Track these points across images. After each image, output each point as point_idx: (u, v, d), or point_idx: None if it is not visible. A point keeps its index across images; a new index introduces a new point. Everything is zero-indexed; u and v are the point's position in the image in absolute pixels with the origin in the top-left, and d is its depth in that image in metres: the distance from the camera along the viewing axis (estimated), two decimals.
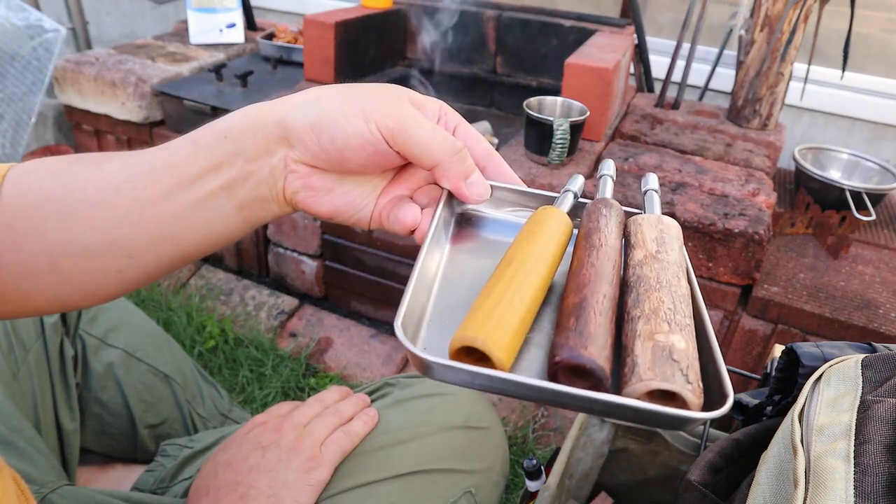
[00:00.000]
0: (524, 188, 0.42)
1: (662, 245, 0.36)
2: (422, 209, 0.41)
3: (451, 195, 0.40)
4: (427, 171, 0.39)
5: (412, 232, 0.40)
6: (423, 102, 0.40)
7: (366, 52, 1.58)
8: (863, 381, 0.44)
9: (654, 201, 0.42)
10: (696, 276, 1.12)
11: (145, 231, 0.38)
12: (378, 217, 0.41)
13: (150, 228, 0.38)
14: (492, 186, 0.40)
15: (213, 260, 1.66)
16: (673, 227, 0.38)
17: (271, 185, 0.38)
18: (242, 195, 0.38)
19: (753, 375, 0.82)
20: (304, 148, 0.37)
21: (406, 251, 1.35)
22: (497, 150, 1.57)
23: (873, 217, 1.30)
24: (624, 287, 0.34)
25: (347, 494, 0.59)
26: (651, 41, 1.65)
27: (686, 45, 1.48)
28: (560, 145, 1.14)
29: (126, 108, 1.50)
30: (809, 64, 1.41)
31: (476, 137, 0.41)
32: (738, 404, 0.66)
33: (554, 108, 1.25)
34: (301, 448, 0.58)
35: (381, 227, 0.42)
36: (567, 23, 1.57)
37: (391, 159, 0.38)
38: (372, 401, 0.71)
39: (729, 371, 0.83)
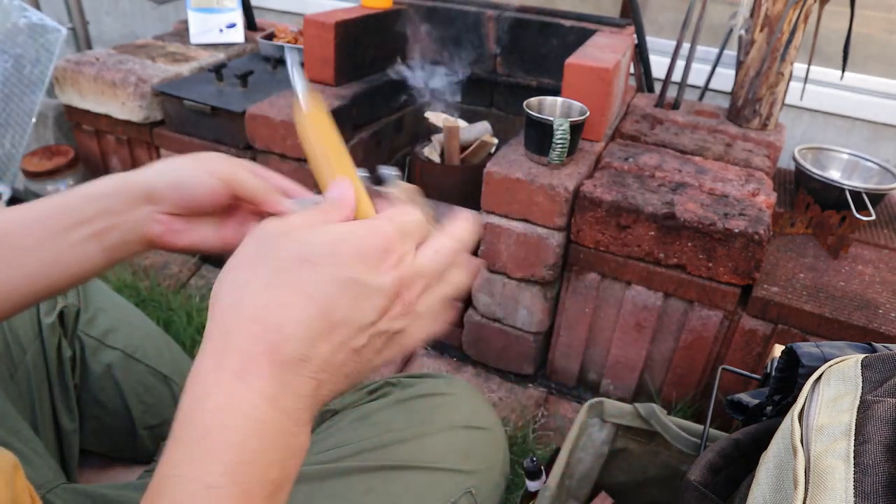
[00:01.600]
0: (318, 197, 0.52)
1: None
2: None
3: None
4: (252, 205, 0.52)
5: None
6: (238, 161, 0.52)
7: (366, 52, 1.58)
8: (862, 381, 0.44)
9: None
10: (696, 275, 1.13)
11: (21, 273, 0.47)
12: (223, 243, 0.53)
13: (26, 271, 0.47)
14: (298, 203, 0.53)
15: (214, 260, 1.66)
16: None
17: (136, 232, 0.50)
18: (109, 241, 0.49)
19: (753, 375, 0.82)
20: (168, 202, 0.50)
21: None
22: (497, 149, 1.57)
23: (873, 217, 1.30)
24: None
25: (346, 486, 0.59)
26: (651, 41, 1.65)
27: (686, 45, 1.48)
28: (560, 145, 1.14)
29: (126, 108, 1.50)
30: (809, 64, 1.41)
31: (276, 175, 0.55)
32: (738, 404, 0.66)
33: (554, 109, 1.25)
34: (404, 343, 0.38)
35: (227, 249, 0.50)
36: (567, 23, 1.57)
37: (227, 201, 0.51)
38: (372, 400, 0.71)
39: (729, 371, 0.83)
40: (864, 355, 0.47)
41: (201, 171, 0.50)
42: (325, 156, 0.43)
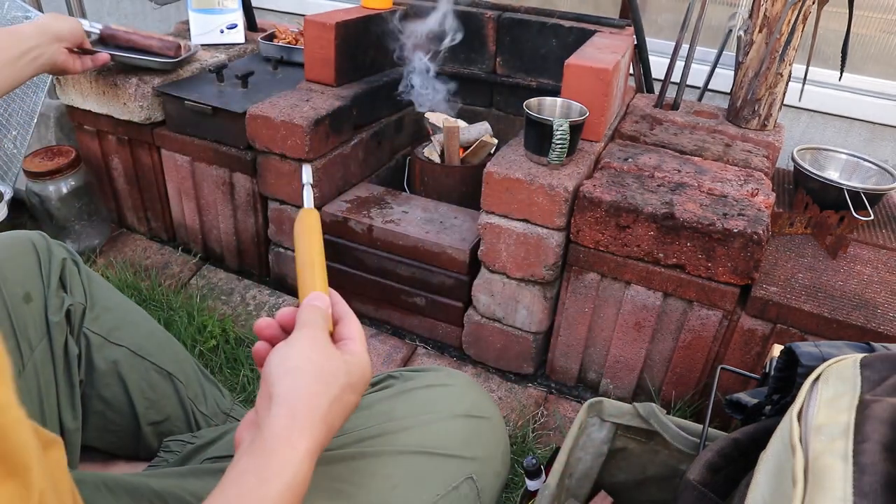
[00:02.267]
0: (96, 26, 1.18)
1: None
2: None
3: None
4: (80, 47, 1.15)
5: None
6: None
7: (366, 52, 1.58)
8: (861, 381, 0.45)
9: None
10: (695, 275, 1.13)
11: None
12: (84, 67, 1.16)
13: None
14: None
15: (214, 260, 1.67)
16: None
17: (53, 59, 1.04)
18: (38, 64, 1.01)
19: (752, 375, 0.83)
20: (67, 41, 1.08)
21: (406, 251, 1.36)
22: (497, 149, 1.58)
23: (871, 217, 1.30)
24: None
25: (349, 470, 0.60)
26: (650, 42, 1.65)
27: (685, 46, 1.48)
28: (560, 146, 1.14)
29: (127, 109, 1.50)
30: (808, 65, 1.42)
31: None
32: (737, 404, 0.66)
33: (553, 109, 1.25)
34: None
35: (85, 69, 1.15)
36: (567, 23, 1.58)
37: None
38: (374, 392, 0.72)
39: (728, 371, 0.83)
40: (862, 355, 0.48)
41: (76, 22, 1.08)
42: (311, 259, 0.59)
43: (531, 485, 0.89)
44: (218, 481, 0.43)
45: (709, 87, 1.62)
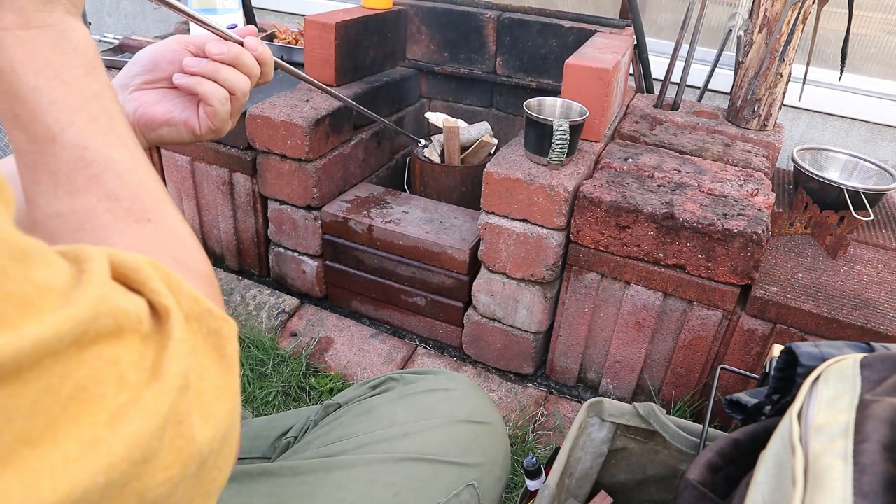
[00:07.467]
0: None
1: None
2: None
3: None
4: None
5: None
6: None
7: (366, 52, 1.58)
8: (861, 381, 0.45)
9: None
10: (695, 275, 1.12)
11: None
12: (202, 119, 0.60)
13: None
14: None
15: (214, 260, 1.67)
16: None
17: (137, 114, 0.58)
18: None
19: (752, 375, 0.83)
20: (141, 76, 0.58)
21: (406, 251, 1.36)
22: (497, 149, 1.57)
23: (871, 217, 1.30)
24: None
25: (350, 478, 0.60)
26: (650, 42, 1.65)
27: (685, 46, 1.48)
28: (560, 146, 1.14)
29: None
30: (808, 65, 1.42)
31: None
32: (737, 404, 0.66)
33: (553, 109, 1.25)
34: None
35: (210, 125, 0.60)
36: (567, 23, 1.58)
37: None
38: (375, 395, 0.72)
39: (728, 370, 0.83)
40: (862, 355, 0.48)
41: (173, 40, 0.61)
42: None
43: (531, 485, 0.89)
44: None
45: (709, 87, 1.62)
